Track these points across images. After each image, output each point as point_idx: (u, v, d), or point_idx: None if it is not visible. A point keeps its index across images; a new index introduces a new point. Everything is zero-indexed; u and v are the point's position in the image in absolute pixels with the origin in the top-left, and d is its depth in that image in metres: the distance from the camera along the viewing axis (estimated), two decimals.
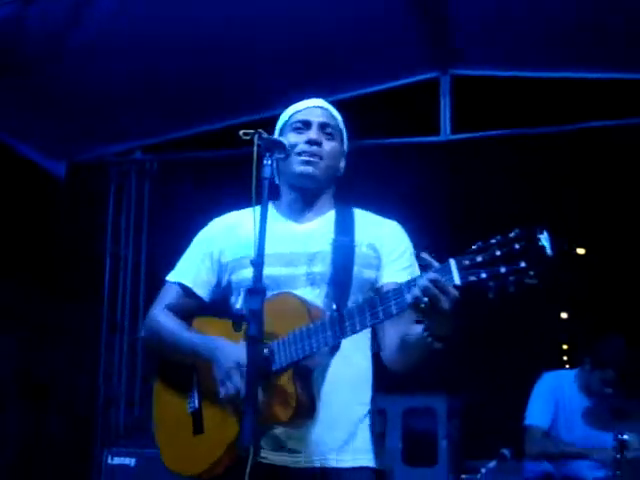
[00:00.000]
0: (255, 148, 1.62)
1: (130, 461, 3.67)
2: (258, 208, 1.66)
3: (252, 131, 1.63)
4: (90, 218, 5.56)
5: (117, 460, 3.71)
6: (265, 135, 1.66)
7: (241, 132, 1.62)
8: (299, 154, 1.85)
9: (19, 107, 4.44)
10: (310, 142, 1.87)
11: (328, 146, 1.90)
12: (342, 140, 1.98)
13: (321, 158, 1.88)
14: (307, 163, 1.86)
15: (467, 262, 1.50)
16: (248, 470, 1.48)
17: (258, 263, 1.56)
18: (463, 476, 4.06)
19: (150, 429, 1.96)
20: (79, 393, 8.83)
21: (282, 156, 1.73)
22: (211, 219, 2.02)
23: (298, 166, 1.86)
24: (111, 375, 5.28)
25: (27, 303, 8.41)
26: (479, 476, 3.63)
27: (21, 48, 3.73)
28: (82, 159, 5.33)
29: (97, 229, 5.36)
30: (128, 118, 4.74)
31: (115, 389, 5.22)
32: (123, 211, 5.30)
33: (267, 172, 1.65)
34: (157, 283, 2.06)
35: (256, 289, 1.53)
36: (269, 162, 1.65)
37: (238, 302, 1.88)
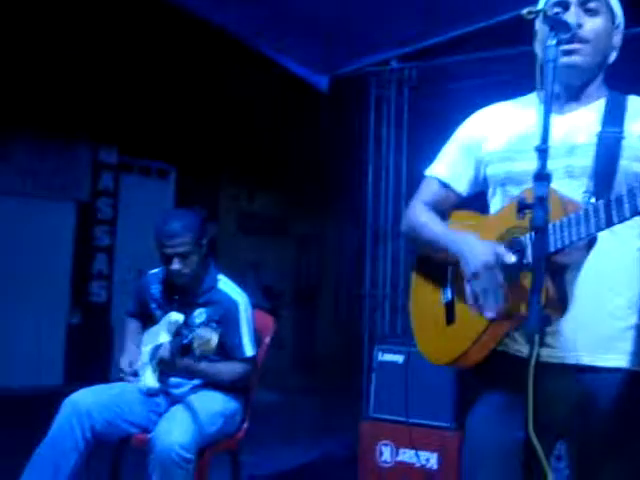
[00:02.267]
0: (538, 26, 1.52)
1: (399, 358, 3.84)
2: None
3: (536, 9, 1.53)
4: (352, 129, 5.75)
5: (387, 357, 3.90)
6: (550, 13, 1.55)
7: (525, 11, 1.52)
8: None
9: (284, 27, 4.66)
10: None
11: (591, 24, 1.69)
12: (612, 12, 1.74)
13: (583, 42, 1.69)
14: (568, 53, 1.69)
15: None
16: (533, 361, 1.44)
17: (543, 149, 1.49)
18: None
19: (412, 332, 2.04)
20: (343, 298, 9.39)
21: (567, 37, 1.60)
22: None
23: (560, 57, 1.66)
24: (376, 282, 5.50)
25: (295, 214, 9.05)
26: None
27: None
28: (343, 72, 5.49)
29: (359, 139, 5.53)
30: (385, 27, 4.75)
31: (379, 296, 5.44)
32: (384, 120, 5.38)
33: (551, 54, 1.53)
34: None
35: (542, 175, 1.47)
36: (554, 43, 1.54)
37: (494, 197, 1.84)
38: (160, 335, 2.80)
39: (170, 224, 2.84)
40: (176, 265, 2.82)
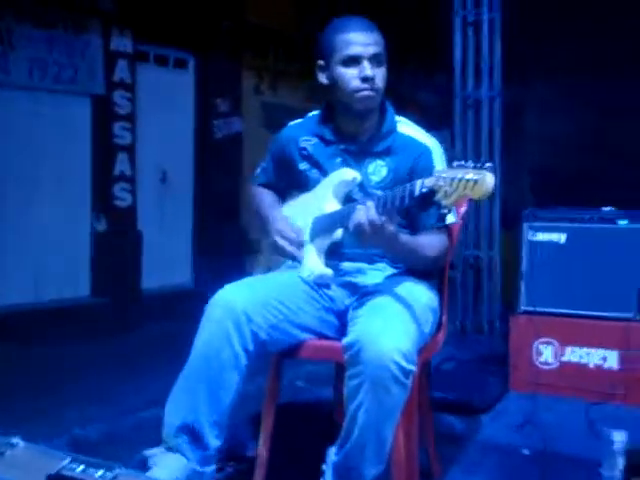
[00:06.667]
0: None
1: (559, 237, 3.15)
2: None
3: None
4: None
5: (541, 236, 3.21)
6: None
7: None
8: None
9: None
10: None
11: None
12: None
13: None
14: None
15: None
16: None
17: None
18: None
19: None
20: None
21: None
22: None
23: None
24: None
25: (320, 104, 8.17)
26: None
27: None
28: None
29: None
30: None
31: None
32: None
33: None
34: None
35: None
36: None
37: None
38: (325, 201, 2.03)
39: (356, 20, 2.02)
40: (371, 71, 1.97)
